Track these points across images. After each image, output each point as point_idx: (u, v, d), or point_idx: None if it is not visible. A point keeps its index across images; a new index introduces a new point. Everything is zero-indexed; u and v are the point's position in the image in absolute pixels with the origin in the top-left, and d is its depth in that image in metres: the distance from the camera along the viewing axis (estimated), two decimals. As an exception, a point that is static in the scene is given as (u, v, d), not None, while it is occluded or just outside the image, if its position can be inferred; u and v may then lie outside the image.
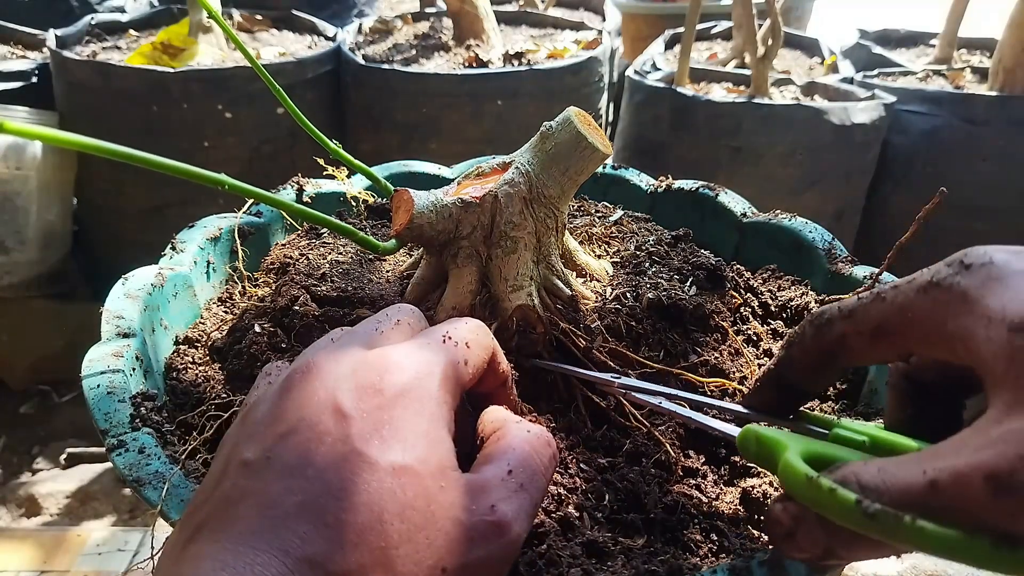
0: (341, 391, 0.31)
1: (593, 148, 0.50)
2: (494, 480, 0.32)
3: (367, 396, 0.31)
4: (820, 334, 0.35)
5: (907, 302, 0.31)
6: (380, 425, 0.30)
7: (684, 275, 0.57)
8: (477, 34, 1.88)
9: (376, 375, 0.32)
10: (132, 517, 1.46)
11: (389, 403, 0.31)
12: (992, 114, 1.70)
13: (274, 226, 0.68)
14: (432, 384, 0.33)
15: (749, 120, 1.62)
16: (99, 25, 1.93)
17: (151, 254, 0.60)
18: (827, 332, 0.35)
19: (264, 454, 0.30)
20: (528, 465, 0.33)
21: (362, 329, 0.36)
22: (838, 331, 0.34)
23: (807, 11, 3.07)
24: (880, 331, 0.32)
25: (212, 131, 1.64)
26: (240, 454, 0.30)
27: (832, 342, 0.34)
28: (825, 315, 0.35)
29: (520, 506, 0.32)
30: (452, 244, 0.50)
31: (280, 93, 0.58)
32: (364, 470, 0.29)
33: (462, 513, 0.30)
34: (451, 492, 0.30)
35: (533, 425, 0.36)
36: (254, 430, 0.31)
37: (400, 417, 0.31)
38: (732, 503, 0.44)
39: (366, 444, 0.30)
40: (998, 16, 1.90)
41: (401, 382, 0.32)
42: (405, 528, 0.29)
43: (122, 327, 0.50)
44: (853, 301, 0.34)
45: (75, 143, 0.33)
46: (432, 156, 0.88)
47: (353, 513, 0.28)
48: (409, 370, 0.33)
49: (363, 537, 0.28)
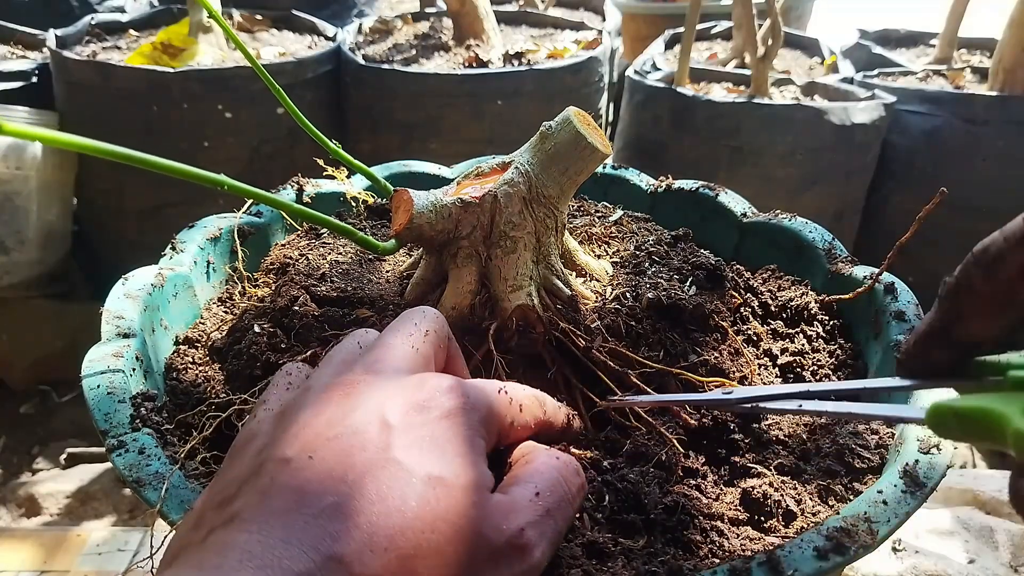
0: (389, 406, 0.32)
1: (593, 148, 0.50)
2: (522, 501, 0.33)
3: (412, 413, 0.32)
4: (992, 274, 0.30)
5: None
6: (421, 439, 0.31)
7: (684, 275, 0.57)
8: (477, 34, 1.88)
9: (424, 396, 0.33)
10: (132, 517, 1.46)
11: (432, 422, 0.32)
12: (992, 114, 1.70)
13: (274, 226, 0.68)
14: (475, 418, 0.34)
15: (749, 120, 1.62)
16: (99, 25, 1.93)
17: (151, 254, 0.60)
18: (1000, 269, 0.29)
19: (306, 454, 0.30)
20: (556, 490, 0.34)
21: (396, 343, 0.37)
22: (1016, 265, 0.29)
23: (807, 11, 3.07)
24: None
25: (212, 131, 1.64)
26: (280, 452, 0.31)
27: (1012, 277, 0.29)
28: (991, 250, 0.29)
29: (544, 533, 0.32)
30: (452, 244, 0.50)
31: (280, 93, 0.58)
32: (401, 479, 0.30)
33: (491, 532, 0.31)
34: (482, 509, 0.31)
35: (562, 453, 0.36)
36: (297, 431, 0.32)
37: (441, 436, 0.32)
38: (732, 503, 0.44)
39: (406, 454, 0.31)
40: (998, 16, 1.90)
41: (447, 407, 0.33)
42: (435, 539, 0.29)
43: (122, 327, 0.50)
44: (1020, 223, 0.28)
45: (75, 144, 0.33)
46: (432, 156, 0.88)
47: (386, 518, 0.28)
48: (456, 399, 0.34)
49: (393, 543, 0.28)
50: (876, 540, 0.36)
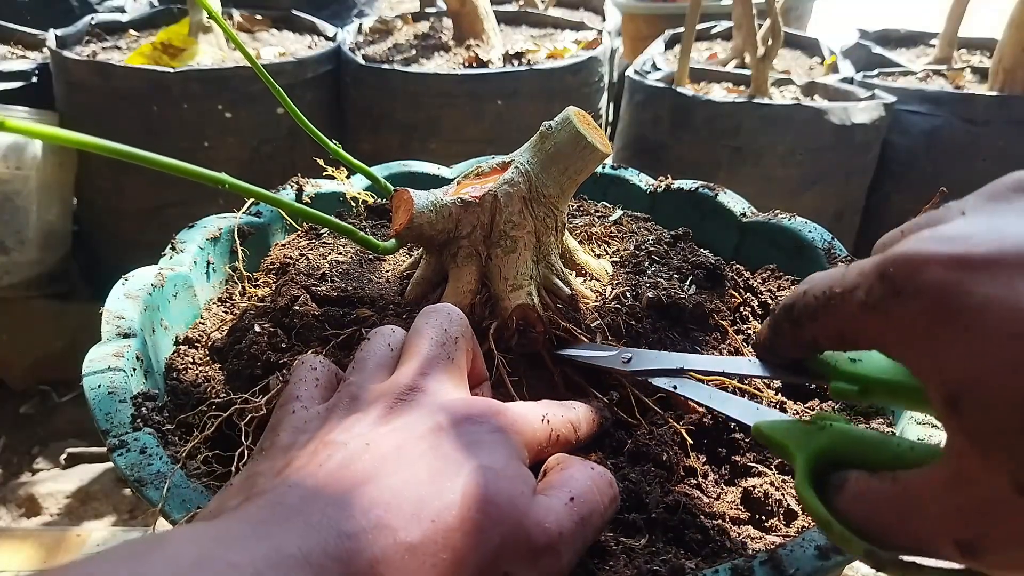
0: (442, 416, 0.34)
1: (592, 148, 0.50)
2: (558, 504, 0.33)
3: (465, 423, 0.34)
4: (795, 331, 0.33)
5: (853, 317, 0.28)
6: (473, 443, 0.33)
7: (684, 274, 0.57)
8: (477, 34, 1.88)
9: (475, 413, 0.35)
10: (132, 517, 1.46)
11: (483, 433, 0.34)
12: (992, 114, 1.70)
13: (274, 226, 0.68)
14: (519, 441, 0.36)
15: (749, 120, 1.62)
16: (99, 25, 1.92)
17: (151, 254, 0.60)
18: (800, 332, 0.33)
19: (364, 441, 0.32)
20: (589, 499, 0.34)
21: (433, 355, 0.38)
22: (810, 334, 0.32)
23: (807, 11, 3.07)
24: (844, 339, 0.30)
25: (212, 131, 1.64)
26: (335, 437, 0.33)
27: (809, 340, 0.33)
28: (794, 312, 0.33)
29: (575, 540, 0.33)
30: (452, 244, 0.51)
31: (280, 93, 0.58)
32: (453, 465, 0.31)
33: (533, 527, 0.31)
34: (529, 502, 0.32)
35: (597, 465, 0.37)
36: (352, 424, 0.34)
37: (490, 442, 0.34)
38: (733, 502, 0.44)
39: (456, 452, 0.32)
40: (998, 16, 1.90)
41: (495, 424, 0.35)
42: (481, 519, 0.30)
43: (122, 327, 0.50)
44: (812, 300, 0.31)
45: (75, 141, 0.33)
46: (432, 156, 0.88)
47: (437, 497, 0.30)
48: (503, 421, 0.36)
49: (440, 516, 0.29)
50: (876, 539, 0.36)
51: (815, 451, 0.32)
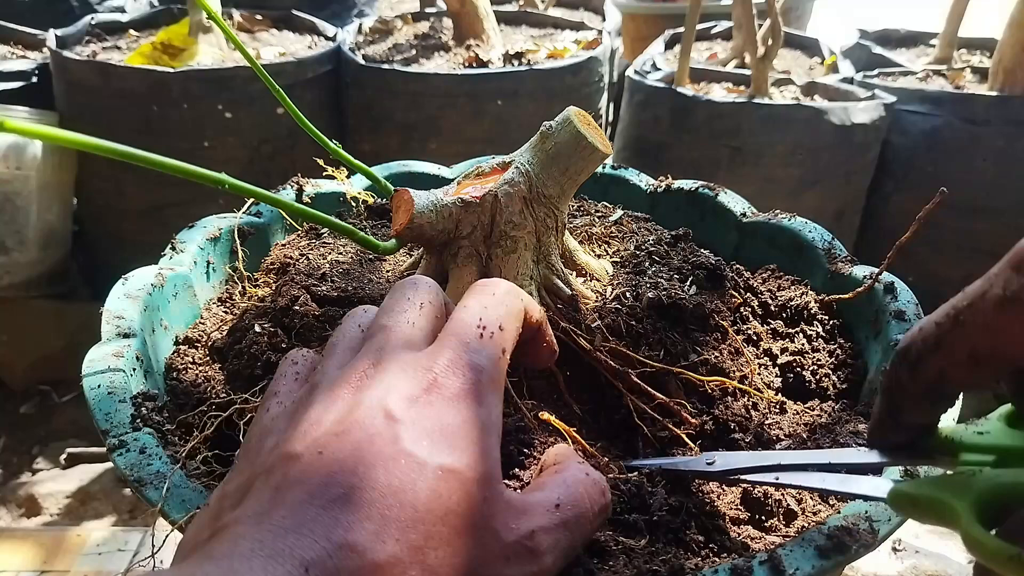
0: (393, 398, 0.32)
1: (593, 148, 0.50)
2: (539, 508, 0.32)
3: (419, 401, 0.32)
4: (916, 374, 0.32)
5: (990, 323, 0.28)
6: (431, 430, 0.31)
7: (684, 275, 0.57)
8: (477, 34, 1.88)
9: (428, 380, 0.32)
10: (132, 517, 1.46)
11: (441, 408, 0.32)
12: (992, 114, 1.70)
13: (274, 226, 0.68)
14: (482, 391, 0.33)
15: (749, 120, 1.62)
16: (99, 25, 1.93)
17: (151, 254, 0.60)
18: (923, 370, 0.31)
19: (316, 449, 0.30)
20: (577, 505, 0.34)
21: (394, 323, 0.36)
22: (934, 368, 0.31)
23: (807, 11, 3.07)
24: (976, 358, 0.29)
25: (212, 131, 1.64)
26: (291, 448, 0.31)
27: (932, 379, 0.31)
28: (912, 352, 0.31)
29: (558, 542, 0.32)
30: (452, 244, 0.51)
31: (280, 93, 0.58)
32: (412, 472, 0.29)
33: (502, 529, 0.31)
34: (495, 504, 0.31)
35: (594, 470, 0.36)
36: (307, 428, 0.32)
37: (451, 422, 0.31)
38: (733, 503, 0.44)
39: (415, 445, 0.30)
40: (998, 16, 1.90)
41: (452, 388, 0.32)
42: (445, 531, 0.29)
43: (122, 327, 0.50)
44: (932, 327, 0.30)
45: (75, 141, 0.33)
46: (432, 156, 0.88)
47: (398, 510, 0.28)
48: (459, 376, 0.33)
49: (404, 534, 0.28)
50: (877, 539, 0.36)
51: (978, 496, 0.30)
